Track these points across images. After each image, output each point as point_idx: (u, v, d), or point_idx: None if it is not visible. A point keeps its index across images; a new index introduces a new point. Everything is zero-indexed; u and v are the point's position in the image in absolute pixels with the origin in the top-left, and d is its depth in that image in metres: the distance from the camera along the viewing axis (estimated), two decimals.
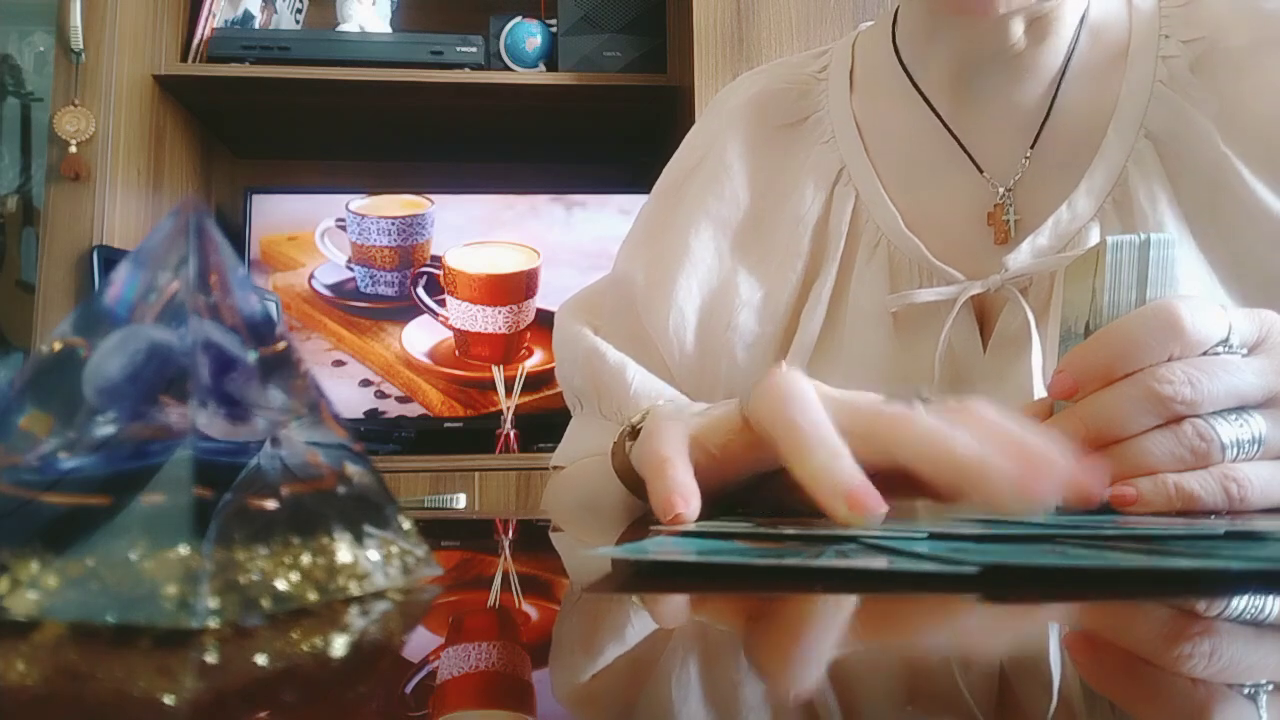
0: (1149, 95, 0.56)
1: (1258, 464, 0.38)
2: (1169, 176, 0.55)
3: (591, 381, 0.64)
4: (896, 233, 0.60)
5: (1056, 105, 0.58)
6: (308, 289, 1.89)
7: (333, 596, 0.22)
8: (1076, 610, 0.21)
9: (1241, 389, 0.37)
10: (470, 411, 1.88)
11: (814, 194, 0.63)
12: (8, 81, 2.15)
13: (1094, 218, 0.56)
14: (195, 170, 1.97)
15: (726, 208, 0.65)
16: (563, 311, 0.71)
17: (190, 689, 0.15)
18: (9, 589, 0.19)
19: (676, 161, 0.71)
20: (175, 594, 0.18)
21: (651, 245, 0.67)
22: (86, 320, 0.22)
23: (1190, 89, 0.56)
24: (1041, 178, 0.58)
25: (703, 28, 1.64)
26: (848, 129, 0.64)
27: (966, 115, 0.61)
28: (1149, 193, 0.55)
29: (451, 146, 2.07)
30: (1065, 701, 0.15)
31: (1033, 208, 0.58)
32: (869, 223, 0.61)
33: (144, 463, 0.20)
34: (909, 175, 0.62)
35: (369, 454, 0.24)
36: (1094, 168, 0.56)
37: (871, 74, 0.66)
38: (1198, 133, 0.55)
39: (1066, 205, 0.56)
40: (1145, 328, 0.38)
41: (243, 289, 0.23)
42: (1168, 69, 0.56)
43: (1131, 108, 0.56)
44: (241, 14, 1.85)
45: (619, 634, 0.21)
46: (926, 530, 0.29)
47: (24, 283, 2.02)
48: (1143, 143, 0.56)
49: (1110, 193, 0.56)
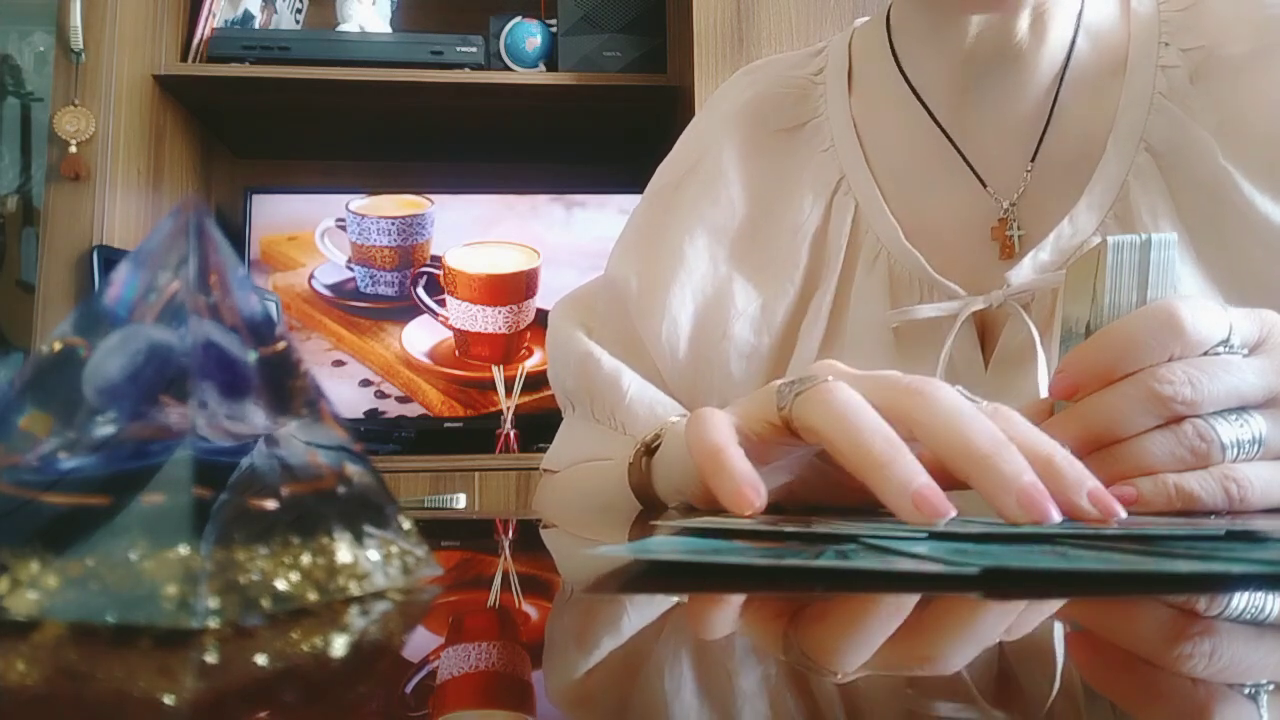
0: (1148, 107, 0.56)
1: (1258, 464, 0.38)
2: (1170, 191, 0.55)
3: (585, 386, 0.64)
4: (897, 245, 0.59)
5: (1056, 113, 0.58)
6: (308, 289, 1.89)
7: (333, 596, 0.22)
8: (1075, 609, 0.22)
9: (1242, 389, 0.37)
10: (470, 411, 1.88)
11: (813, 203, 0.62)
12: (8, 81, 2.15)
13: (1095, 232, 0.55)
14: (195, 170, 1.97)
15: (722, 214, 0.64)
16: (556, 312, 0.70)
17: (190, 689, 0.15)
18: (9, 589, 0.19)
19: (670, 163, 0.70)
20: (175, 594, 0.18)
21: (645, 249, 0.66)
22: (86, 320, 0.22)
23: (1190, 100, 0.55)
24: (1043, 191, 0.58)
25: (703, 28, 1.64)
26: (847, 136, 0.63)
27: (966, 120, 0.60)
28: (1150, 206, 0.54)
29: (451, 146, 2.07)
30: (1062, 702, 0.15)
31: (1035, 222, 0.57)
32: (869, 234, 0.60)
33: (144, 463, 0.20)
34: (909, 185, 0.61)
35: (369, 454, 0.24)
36: (1094, 182, 0.56)
37: (869, 76, 0.65)
38: (1198, 146, 0.54)
39: (1068, 220, 0.56)
40: (1145, 328, 0.38)
41: (243, 289, 0.23)
42: (1167, 80, 0.56)
43: (1131, 120, 0.56)
44: (241, 14, 1.85)
45: (618, 634, 0.21)
46: (927, 530, 0.29)
47: (24, 283, 2.02)
48: (1143, 156, 0.55)
49: (1112, 207, 0.55)
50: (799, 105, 0.66)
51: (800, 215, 0.62)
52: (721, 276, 0.63)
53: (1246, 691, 0.14)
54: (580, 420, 0.67)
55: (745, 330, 0.61)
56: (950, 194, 0.60)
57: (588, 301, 0.70)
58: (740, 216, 0.64)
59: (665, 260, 0.64)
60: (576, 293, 0.72)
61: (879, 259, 0.60)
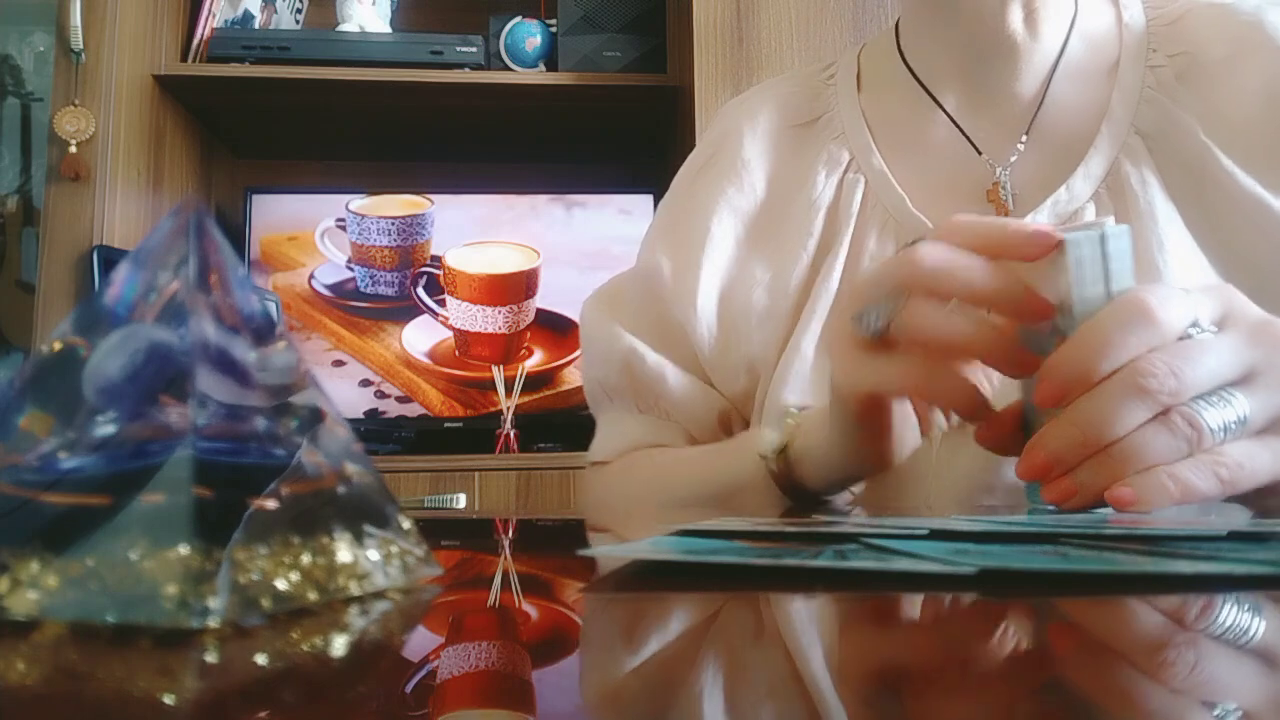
0: (1139, 98, 0.62)
1: (1243, 443, 0.38)
2: (1158, 167, 0.60)
3: (629, 383, 0.68)
4: (904, 213, 0.64)
5: (1049, 99, 0.64)
6: (308, 289, 1.89)
7: (333, 596, 0.22)
8: (1070, 611, 0.22)
9: (1220, 369, 0.38)
10: (470, 411, 1.88)
11: (825, 180, 0.68)
12: (8, 81, 2.15)
13: (1090, 200, 0.61)
14: (195, 170, 1.97)
15: (745, 199, 0.69)
16: (589, 307, 0.74)
17: (190, 689, 0.15)
18: (9, 589, 0.19)
19: (691, 159, 0.75)
20: (175, 594, 0.18)
21: (673, 235, 0.71)
22: (86, 320, 0.22)
23: (1176, 93, 0.61)
24: (1037, 163, 0.63)
25: (703, 28, 1.64)
26: (857, 124, 0.69)
27: (968, 105, 0.66)
28: (1140, 179, 0.60)
29: (451, 146, 2.06)
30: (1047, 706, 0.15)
31: (1029, 189, 0.63)
32: (877, 206, 0.66)
33: (144, 463, 0.20)
34: (914, 160, 0.67)
35: (369, 454, 0.24)
36: (1089, 158, 0.61)
37: (878, 76, 0.71)
38: (1183, 129, 0.60)
39: (1065, 188, 0.61)
40: (1119, 324, 0.38)
41: (243, 289, 0.23)
42: (1155, 77, 0.62)
43: (1123, 109, 0.62)
44: (241, 14, 1.85)
45: (618, 634, 0.21)
46: (927, 528, 0.29)
47: (24, 283, 2.02)
48: (1133, 138, 0.61)
49: (1104, 179, 0.61)
50: (812, 102, 0.72)
51: (814, 192, 0.68)
52: (743, 255, 0.68)
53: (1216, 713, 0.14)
54: (622, 411, 0.70)
55: (762, 297, 0.66)
56: (951, 165, 0.66)
57: (618, 295, 0.73)
58: (759, 201, 0.70)
59: (694, 241, 0.69)
60: (605, 288, 0.75)
61: (887, 226, 0.65)
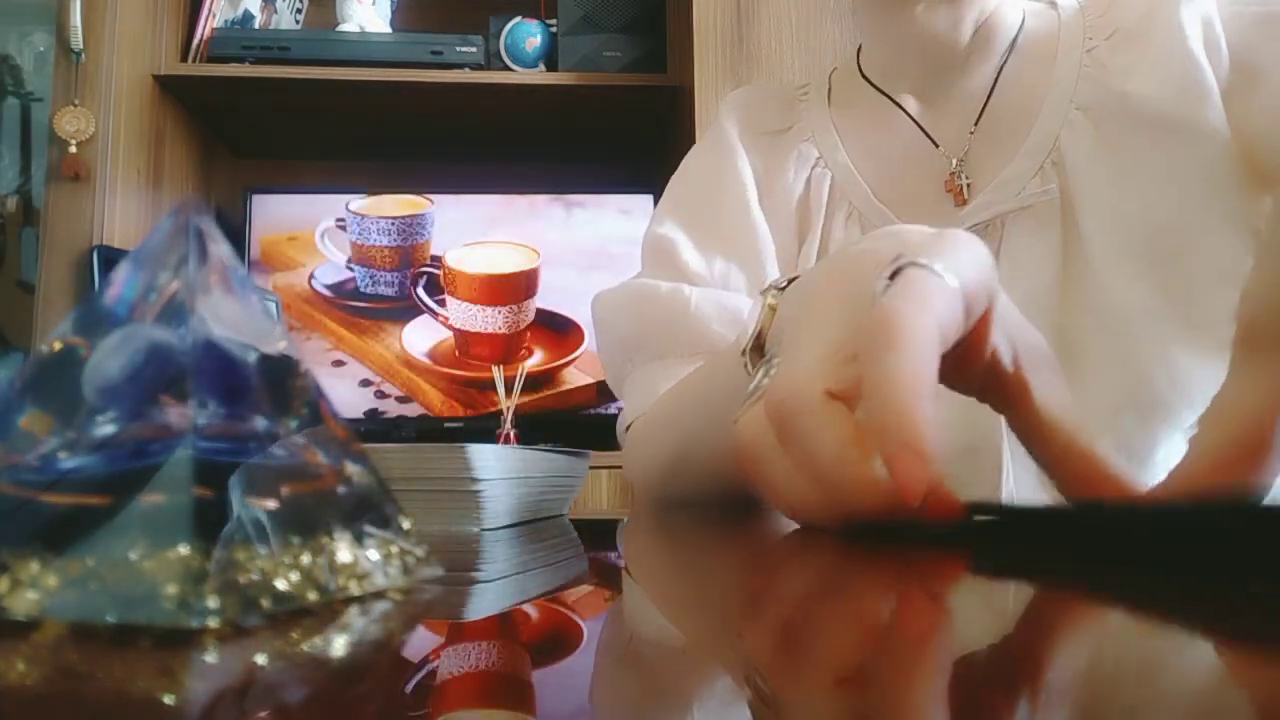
0: (1077, 77, 0.67)
1: None
2: (1099, 136, 0.65)
3: (644, 321, 0.69)
4: (868, 204, 0.71)
5: (996, 91, 0.70)
6: (308, 289, 1.89)
7: (333, 596, 0.22)
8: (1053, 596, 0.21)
9: None
10: (470, 411, 1.88)
11: (795, 176, 0.74)
12: (8, 81, 2.15)
13: (1035, 175, 0.66)
14: (195, 170, 1.97)
15: (743, 163, 0.75)
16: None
17: (190, 689, 0.15)
18: (9, 589, 0.19)
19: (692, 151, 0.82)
20: (175, 594, 0.18)
21: (680, 205, 0.76)
22: (86, 320, 0.22)
23: (1110, 66, 0.67)
24: (987, 149, 0.69)
25: (703, 28, 1.64)
26: (825, 128, 0.76)
27: (926, 106, 0.72)
28: (1080, 150, 0.65)
29: (451, 146, 2.06)
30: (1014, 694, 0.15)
31: (981, 174, 0.69)
32: (843, 199, 0.72)
33: (144, 463, 0.20)
34: (878, 156, 0.73)
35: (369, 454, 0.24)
36: (1031, 137, 0.67)
37: (846, 90, 0.78)
38: (1113, 90, 0.65)
39: (1009, 167, 0.67)
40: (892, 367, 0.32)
41: (243, 289, 0.23)
42: (1092, 58, 0.68)
43: (1062, 88, 0.68)
44: (241, 14, 1.85)
45: (617, 634, 0.21)
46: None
47: (24, 283, 2.02)
48: (1074, 114, 0.66)
49: (1049, 154, 0.66)
50: (785, 112, 0.78)
51: (785, 185, 0.74)
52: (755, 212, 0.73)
53: None
54: (647, 365, 0.70)
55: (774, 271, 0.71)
56: (912, 160, 0.71)
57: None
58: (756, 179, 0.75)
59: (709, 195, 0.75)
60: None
61: (851, 217, 0.71)
